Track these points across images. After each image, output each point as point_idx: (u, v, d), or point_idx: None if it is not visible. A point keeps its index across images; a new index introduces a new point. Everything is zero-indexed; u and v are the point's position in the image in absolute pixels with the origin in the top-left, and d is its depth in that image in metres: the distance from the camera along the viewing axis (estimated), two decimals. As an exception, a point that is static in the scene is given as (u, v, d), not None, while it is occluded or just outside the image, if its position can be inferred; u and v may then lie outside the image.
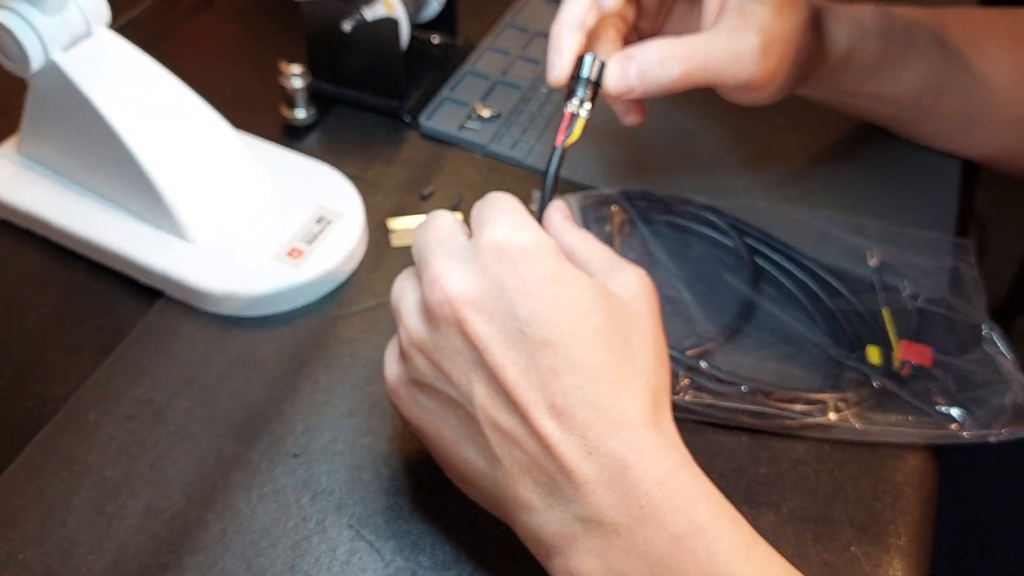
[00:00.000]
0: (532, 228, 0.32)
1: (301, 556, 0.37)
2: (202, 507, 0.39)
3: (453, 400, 0.32)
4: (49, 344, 0.45)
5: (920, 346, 0.45)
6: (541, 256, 0.31)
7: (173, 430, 0.41)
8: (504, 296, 0.31)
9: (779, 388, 0.43)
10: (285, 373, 0.44)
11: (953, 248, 0.50)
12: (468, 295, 0.31)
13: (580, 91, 0.40)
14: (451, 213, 0.35)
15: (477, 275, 0.31)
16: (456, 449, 0.33)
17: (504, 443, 0.31)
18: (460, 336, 0.31)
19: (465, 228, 0.35)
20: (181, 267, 0.46)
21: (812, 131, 0.58)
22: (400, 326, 0.34)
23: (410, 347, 0.33)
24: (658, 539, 0.29)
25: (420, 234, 0.35)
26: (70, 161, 0.49)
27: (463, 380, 0.31)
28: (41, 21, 0.44)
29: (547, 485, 0.31)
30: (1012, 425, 0.41)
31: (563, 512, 0.31)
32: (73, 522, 0.38)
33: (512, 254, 0.31)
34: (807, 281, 0.48)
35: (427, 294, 0.32)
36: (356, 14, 0.54)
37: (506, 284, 0.31)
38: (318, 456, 0.41)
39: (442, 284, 0.31)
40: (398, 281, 0.35)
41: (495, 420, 0.31)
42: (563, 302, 0.31)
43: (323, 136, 0.57)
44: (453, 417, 0.33)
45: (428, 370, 0.33)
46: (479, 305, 0.31)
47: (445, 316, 0.31)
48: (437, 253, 0.33)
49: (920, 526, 0.41)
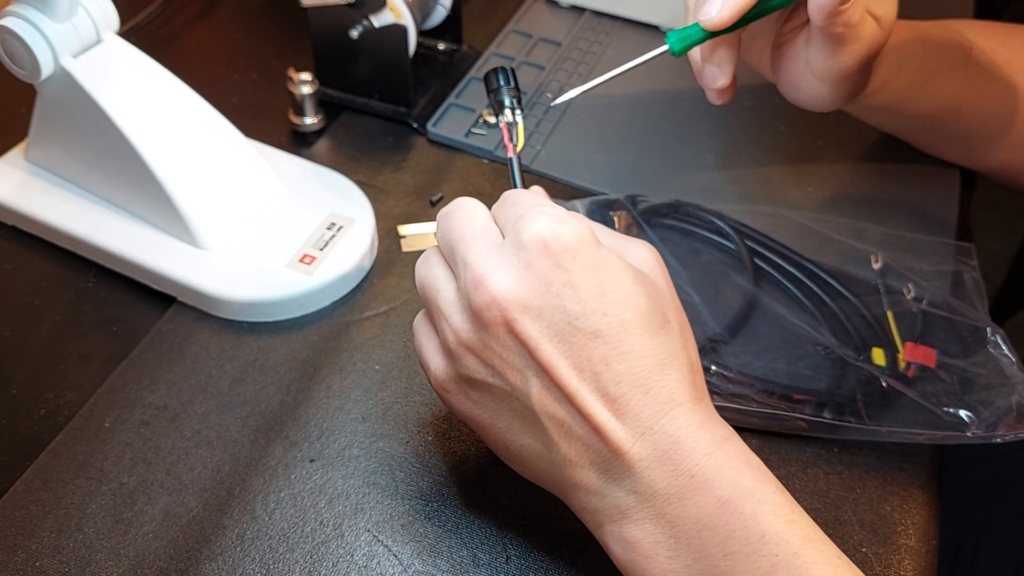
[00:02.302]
0: (570, 219, 0.32)
1: (319, 561, 0.38)
2: (219, 513, 0.39)
3: (507, 394, 0.33)
4: (62, 351, 0.45)
5: (925, 348, 0.45)
6: (583, 246, 0.32)
7: (188, 436, 0.42)
8: (551, 291, 0.31)
9: (789, 389, 0.43)
10: (299, 378, 0.44)
11: (955, 252, 0.51)
12: (515, 295, 0.31)
13: (508, 100, 0.41)
14: (477, 201, 0.35)
15: (522, 273, 0.31)
16: (511, 436, 0.34)
17: (560, 431, 0.32)
18: (510, 336, 0.32)
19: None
20: (194, 274, 0.46)
21: (813, 137, 0.59)
22: (443, 323, 0.33)
23: (458, 347, 0.33)
24: (707, 504, 0.31)
25: (450, 223, 0.34)
26: (79, 168, 0.49)
27: (517, 377, 0.32)
28: (51, 28, 0.44)
29: (602, 466, 0.32)
30: (1017, 426, 0.42)
31: (617, 488, 0.32)
32: (90, 529, 0.38)
33: (556, 248, 0.31)
34: (811, 284, 0.48)
35: (472, 296, 0.32)
36: (364, 21, 0.54)
37: (552, 279, 0.31)
38: (334, 461, 0.41)
39: (487, 285, 0.31)
40: (425, 268, 0.35)
41: (550, 411, 0.32)
42: (608, 290, 0.32)
43: (331, 142, 0.57)
44: (507, 409, 0.33)
45: (479, 368, 0.33)
46: (527, 304, 0.31)
47: (494, 318, 0.31)
48: (474, 249, 0.32)
49: (928, 526, 0.41)
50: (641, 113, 0.60)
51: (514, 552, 0.38)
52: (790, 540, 0.30)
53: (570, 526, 0.39)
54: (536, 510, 0.40)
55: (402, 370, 0.45)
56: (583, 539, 0.39)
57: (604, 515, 0.33)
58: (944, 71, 0.51)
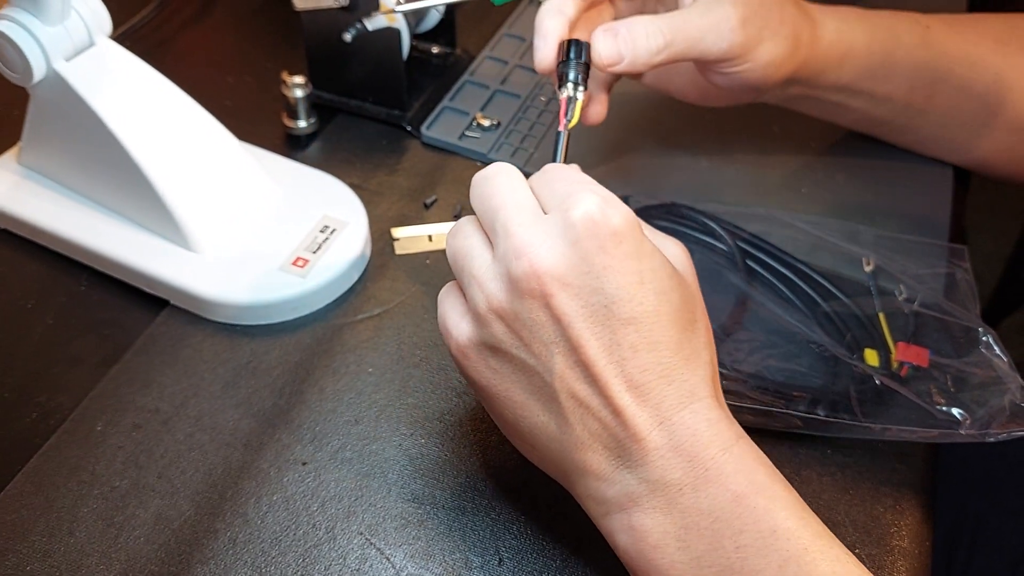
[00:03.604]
0: (619, 203, 0.32)
1: (311, 564, 0.38)
2: (211, 516, 0.39)
3: (529, 367, 0.33)
4: (54, 355, 0.45)
5: (917, 348, 0.45)
6: (630, 232, 0.32)
7: (181, 439, 0.41)
8: (592, 272, 0.31)
9: (783, 386, 0.43)
10: (291, 381, 0.44)
11: (949, 253, 0.51)
12: (557, 271, 0.31)
13: (573, 74, 0.42)
14: (515, 168, 0.35)
15: (565, 250, 0.31)
16: (525, 412, 0.33)
17: (578, 411, 0.32)
18: (544, 309, 0.31)
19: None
20: (187, 277, 0.46)
21: (807, 139, 0.59)
22: (474, 288, 0.33)
23: (488, 313, 0.33)
24: (720, 497, 0.31)
25: (490, 190, 0.34)
26: (72, 171, 0.49)
27: (543, 351, 0.32)
28: (43, 31, 0.44)
29: (616, 451, 0.32)
30: (1010, 425, 0.42)
31: (629, 475, 0.32)
32: (81, 533, 0.38)
33: (604, 230, 0.31)
34: (803, 285, 0.49)
35: (512, 265, 0.32)
36: (357, 24, 0.54)
37: (594, 261, 0.31)
38: (326, 464, 0.41)
39: (530, 257, 0.31)
40: (460, 235, 0.35)
41: (572, 390, 0.32)
42: (647, 279, 0.32)
43: (324, 146, 0.57)
44: (527, 382, 0.33)
45: (506, 337, 0.33)
46: (566, 280, 0.31)
47: (531, 290, 0.31)
48: (517, 220, 0.32)
49: (922, 527, 0.41)
50: (635, 115, 0.60)
51: (507, 555, 0.38)
52: (801, 536, 0.31)
53: (563, 529, 0.39)
54: (529, 513, 0.40)
55: (395, 373, 0.45)
56: (576, 542, 0.39)
57: (612, 503, 0.33)
58: (903, 43, 0.51)
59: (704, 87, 0.49)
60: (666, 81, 0.52)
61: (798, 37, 0.47)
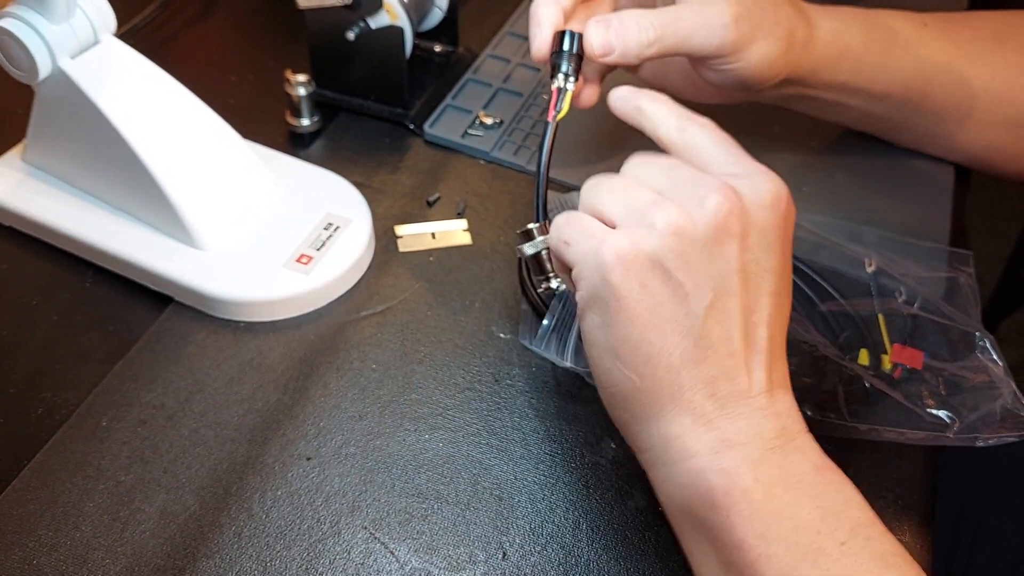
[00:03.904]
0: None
1: (316, 558, 0.38)
2: (216, 511, 0.39)
3: (687, 295, 0.34)
4: (59, 351, 0.45)
5: (912, 350, 0.45)
6: (792, 212, 0.36)
7: (186, 435, 0.42)
8: (774, 236, 0.35)
9: None
10: (296, 377, 0.44)
11: (953, 258, 0.51)
12: (758, 221, 0.34)
13: (564, 65, 0.42)
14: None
15: (765, 207, 0.35)
16: (656, 336, 0.34)
17: (711, 351, 0.34)
18: (729, 247, 0.34)
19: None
20: (192, 274, 0.46)
21: (807, 138, 0.59)
22: (670, 207, 0.34)
23: (679, 232, 0.33)
24: (804, 464, 0.34)
25: (661, 157, 0.36)
26: (77, 169, 0.50)
27: (708, 285, 0.34)
28: (48, 29, 0.45)
29: (725, 399, 0.34)
30: (1000, 430, 0.42)
31: (730, 424, 0.34)
32: (87, 527, 0.38)
33: (791, 212, 0.36)
34: (801, 284, 0.49)
35: (723, 198, 0.34)
36: (360, 23, 0.54)
37: (777, 225, 0.35)
38: (330, 459, 0.41)
39: (740, 199, 0.34)
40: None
41: (710, 329, 0.34)
42: (787, 270, 0.36)
43: (327, 144, 0.57)
44: (676, 308, 0.34)
45: (680, 260, 0.33)
46: (761, 233, 0.34)
47: (730, 227, 0.34)
48: (718, 170, 0.35)
49: (922, 526, 0.41)
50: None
51: (510, 549, 0.39)
52: (868, 510, 0.33)
53: (566, 523, 0.40)
54: (532, 507, 0.40)
55: (399, 369, 0.45)
56: (579, 537, 0.39)
57: (704, 444, 0.34)
58: (899, 41, 0.51)
59: (698, 84, 0.50)
60: (661, 76, 0.52)
61: (792, 37, 0.47)
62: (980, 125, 0.54)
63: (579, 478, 0.41)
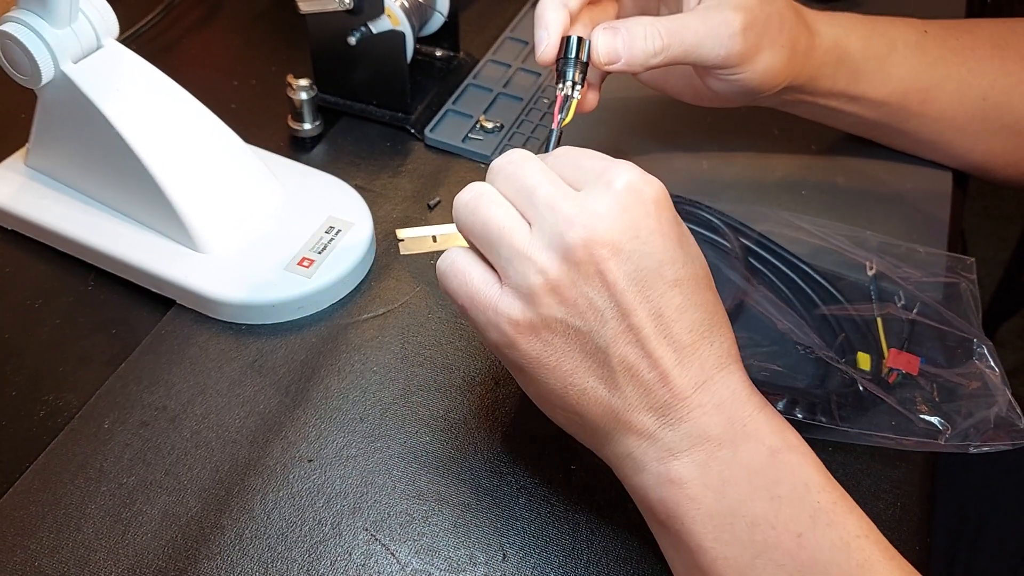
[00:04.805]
0: (652, 176, 0.34)
1: (317, 560, 0.38)
2: (218, 512, 0.39)
3: (583, 335, 0.33)
4: (61, 353, 0.45)
5: (908, 355, 0.45)
6: (667, 200, 0.34)
7: (188, 436, 0.42)
8: (641, 236, 0.33)
9: (761, 385, 0.43)
10: (297, 380, 0.44)
11: (955, 264, 0.50)
12: (611, 237, 0.32)
13: (570, 72, 0.42)
14: (530, 153, 0.36)
15: (618, 216, 0.33)
16: (574, 379, 0.34)
17: (627, 374, 0.33)
18: (598, 276, 0.32)
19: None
20: (194, 277, 0.46)
21: (807, 141, 0.59)
22: (521, 263, 0.33)
23: (543, 287, 0.33)
24: (757, 452, 0.33)
25: (520, 171, 0.34)
26: (79, 173, 0.50)
27: (596, 318, 0.33)
28: (51, 33, 0.45)
29: (661, 410, 0.33)
30: (994, 438, 0.42)
31: (671, 432, 0.33)
32: (89, 529, 0.38)
33: (648, 198, 0.33)
34: (803, 285, 0.49)
35: (567, 234, 0.32)
36: (362, 27, 0.55)
37: (643, 225, 0.33)
38: (332, 461, 0.41)
39: (584, 225, 0.32)
40: (488, 206, 0.34)
41: (622, 354, 0.33)
42: (685, 243, 0.34)
43: (329, 148, 0.57)
44: (578, 350, 0.33)
45: (560, 308, 0.33)
46: (620, 247, 0.32)
47: (587, 257, 0.32)
48: (561, 193, 0.33)
49: (921, 526, 0.41)
50: (635, 117, 0.60)
51: (511, 550, 0.39)
52: (831, 491, 0.32)
53: (566, 525, 0.40)
54: (533, 509, 0.40)
55: (400, 371, 0.45)
56: (579, 538, 0.39)
57: (651, 457, 0.33)
58: (899, 48, 0.51)
59: (699, 89, 0.50)
60: (662, 81, 0.53)
61: (795, 45, 0.48)
62: (978, 132, 0.54)
63: (579, 480, 0.41)
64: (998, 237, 1.17)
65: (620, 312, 0.33)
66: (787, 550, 0.31)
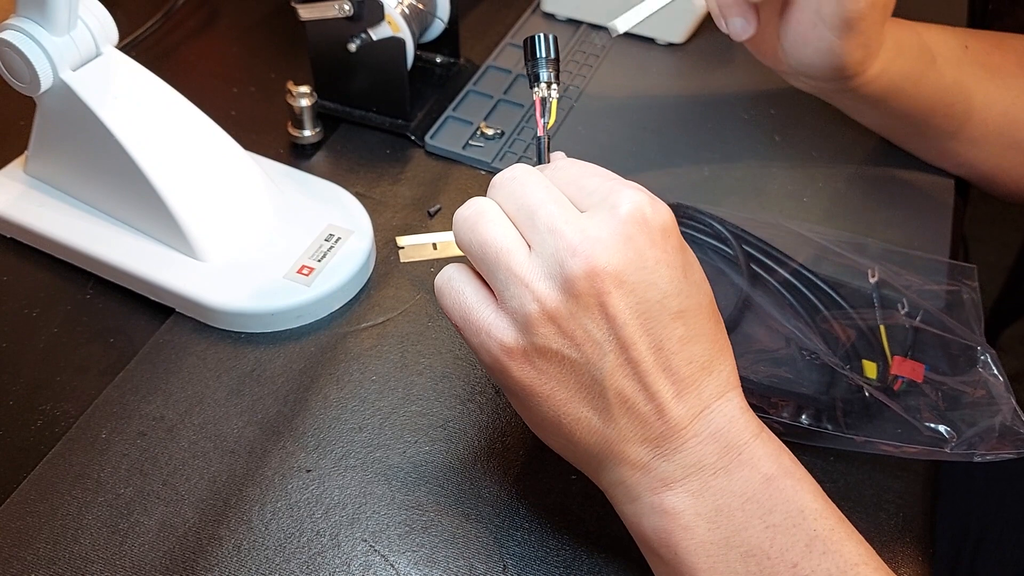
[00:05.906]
0: (659, 200, 0.33)
1: (315, 571, 0.38)
2: (215, 523, 0.39)
3: (578, 365, 0.32)
4: (59, 362, 0.45)
5: (913, 363, 0.45)
6: (674, 227, 0.33)
7: (185, 447, 0.42)
8: (646, 267, 0.32)
9: (768, 391, 0.43)
10: (296, 389, 0.44)
11: (957, 271, 0.50)
12: (614, 268, 0.31)
13: (543, 73, 0.39)
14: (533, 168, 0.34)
15: (621, 246, 0.31)
16: (567, 408, 0.33)
17: (623, 406, 0.32)
18: (598, 308, 0.31)
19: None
20: (192, 285, 0.46)
21: (808, 148, 0.59)
22: (518, 288, 0.32)
23: (540, 315, 0.32)
24: (752, 479, 0.32)
25: (522, 188, 0.33)
26: (78, 180, 0.50)
27: (594, 350, 0.32)
28: (50, 41, 0.45)
29: (654, 442, 0.33)
30: (998, 447, 0.42)
31: (666, 463, 0.33)
32: (86, 540, 0.38)
33: (654, 225, 0.32)
34: (806, 292, 0.49)
35: (567, 264, 0.31)
36: (362, 34, 0.54)
37: (648, 255, 0.32)
38: (330, 471, 0.41)
39: (586, 255, 0.31)
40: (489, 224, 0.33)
41: (619, 387, 0.32)
42: (690, 272, 0.33)
43: (329, 155, 0.57)
44: (573, 380, 0.33)
45: (557, 338, 0.32)
46: (623, 278, 0.31)
47: (588, 289, 0.31)
48: (563, 217, 0.32)
49: (923, 536, 0.41)
50: (636, 124, 0.60)
51: (510, 561, 0.38)
52: (828, 517, 0.32)
53: (566, 536, 0.39)
54: (533, 520, 0.40)
55: (399, 381, 0.45)
56: (579, 549, 0.39)
57: (644, 487, 0.33)
58: (939, 63, 0.51)
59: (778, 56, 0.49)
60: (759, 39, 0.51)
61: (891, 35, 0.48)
62: (992, 146, 0.54)
63: (580, 489, 0.41)
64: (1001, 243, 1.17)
65: (620, 345, 0.32)
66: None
